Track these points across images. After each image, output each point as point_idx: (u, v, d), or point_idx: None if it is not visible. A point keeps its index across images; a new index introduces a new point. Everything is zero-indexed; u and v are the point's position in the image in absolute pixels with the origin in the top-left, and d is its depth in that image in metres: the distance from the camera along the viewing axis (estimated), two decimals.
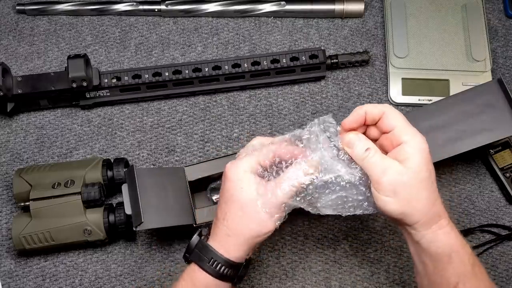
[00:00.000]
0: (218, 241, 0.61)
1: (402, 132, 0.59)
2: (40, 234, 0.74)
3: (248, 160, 0.61)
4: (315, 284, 0.78)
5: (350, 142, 0.60)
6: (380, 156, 0.58)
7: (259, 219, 0.60)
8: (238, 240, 0.60)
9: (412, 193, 0.57)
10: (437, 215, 0.59)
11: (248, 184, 0.60)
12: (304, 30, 0.93)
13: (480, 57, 0.89)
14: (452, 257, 0.59)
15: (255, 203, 0.60)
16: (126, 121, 0.87)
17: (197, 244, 0.62)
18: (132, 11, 0.93)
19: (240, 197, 0.60)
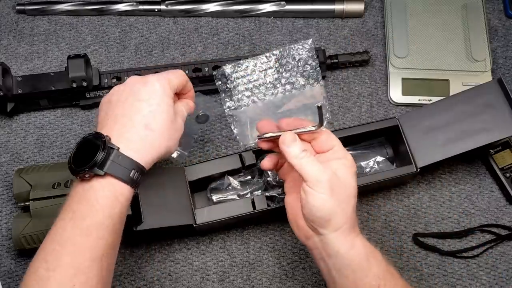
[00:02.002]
0: (134, 150, 0.58)
1: (339, 152, 0.62)
2: (40, 234, 0.74)
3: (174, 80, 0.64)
4: (315, 284, 0.78)
5: (287, 140, 0.60)
6: (314, 159, 0.60)
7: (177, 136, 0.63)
8: (157, 152, 0.60)
9: (345, 196, 0.60)
10: (356, 223, 0.62)
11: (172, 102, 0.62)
12: (304, 30, 0.93)
13: (480, 57, 0.89)
14: (370, 261, 0.60)
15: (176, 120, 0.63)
16: None
17: (113, 155, 0.56)
18: (132, 11, 0.93)
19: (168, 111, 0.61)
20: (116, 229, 0.58)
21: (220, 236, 0.80)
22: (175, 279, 0.78)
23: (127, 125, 0.59)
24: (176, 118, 0.63)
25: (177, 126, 0.64)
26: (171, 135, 0.62)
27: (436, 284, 0.78)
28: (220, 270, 0.78)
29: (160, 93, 0.61)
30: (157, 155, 0.60)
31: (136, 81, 0.62)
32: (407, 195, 0.83)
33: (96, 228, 0.56)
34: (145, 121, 0.59)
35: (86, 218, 0.55)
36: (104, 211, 0.56)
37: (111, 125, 0.59)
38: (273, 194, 0.76)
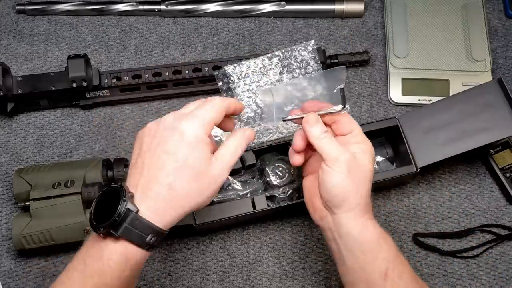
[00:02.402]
0: (157, 213, 0.53)
1: (358, 136, 0.63)
2: (40, 234, 0.74)
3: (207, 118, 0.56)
4: (315, 284, 0.78)
5: (311, 120, 0.62)
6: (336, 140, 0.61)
7: (213, 188, 0.56)
8: (182, 212, 0.55)
9: (361, 177, 0.61)
10: (370, 207, 0.63)
11: (207, 151, 0.55)
12: (304, 30, 0.93)
13: (480, 57, 0.89)
14: (381, 243, 0.61)
15: (212, 172, 0.55)
16: (126, 121, 0.87)
17: (129, 218, 0.52)
18: (132, 11, 0.93)
19: (199, 166, 0.54)
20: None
21: (220, 236, 0.80)
22: (175, 279, 0.78)
23: (151, 181, 0.54)
24: (210, 170, 0.55)
25: (211, 179, 0.55)
26: (201, 192, 0.55)
27: (436, 284, 0.78)
28: (220, 270, 0.78)
29: (188, 143, 0.54)
30: (179, 216, 0.55)
31: (168, 123, 0.56)
32: (407, 195, 0.83)
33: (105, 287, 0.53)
34: (168, 180, 0.53)
35: (94, 276, 0.53)
36: (113, 273, 0.53)
37: (138, 177, 0.55)
38: (273, 194, 0.76)
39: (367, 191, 0.62)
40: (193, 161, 0.54)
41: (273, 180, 0.77)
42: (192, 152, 0.54)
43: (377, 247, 0.61)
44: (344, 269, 0.63)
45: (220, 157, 0.56)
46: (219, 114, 0.57)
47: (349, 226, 0.61)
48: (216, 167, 0.56)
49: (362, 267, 0.61)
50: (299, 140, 0.65)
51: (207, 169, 0.55)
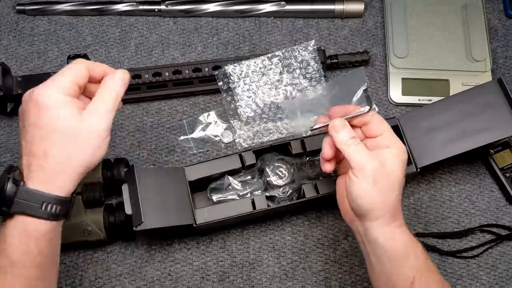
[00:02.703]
0: (45, 181, 0.53)
1: (389, 138, 0.62)
2: None
3: (63, 80, 0.55)
4: (315, 284, 0.78)
5: (337, 126, 0.61)
6: (364, 146, 0.60)
7: (93, 147, 0.55)
8: (71, 175, 0.54)
9: (388, 187, 0.60)
10: (399, 214, 0.62)
11: (70, 109, 0.54)
12: (304, 30, 0.93)
13: (480, 57, 0.89)
14: (408, 253, 0.61)
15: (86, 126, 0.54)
16: (126, 121, 0.87)
17: (16, 192, 0.52)
18: (132, 11, 0.93)
19: (65, 126, 0.53)
20: (38, 262, 0.55)
21: (220, 236, 0.80)
22: (175, 279, 0.78)
23: (30, 156, 0.54)
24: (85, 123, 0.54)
25: (89, 133, 0.55)
26: (84, 147, 0.55)
27: None
28: (220, 270, 0.78)
29: (45, 109, 0.53)
30: (76, 177, 0.55)
31: (25, 98, 0.55)
32: (407, 195, 0.83)
33: (11, 267, 0.53)
34: (42, 150, 0.53)
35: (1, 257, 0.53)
36: (18, 248, 0.53)
37: (22, 156, 0.55)
38: (273, 194, 0.76)
39: (394, 199, 0.61)
40: (57, 124, 0.53)
41: (273, 180, 0.77)
42: (52, 116, 0.53)
43: (404, 256, 0.61)
44: (372, 272, 0.63)
45: (92, 108, 0.55)
46: (77, 72, 0.56)
47: (376, 234, 0.61)
48: (90, 120, 0.55)
49: (389, 274, 0.61)
50: (327, 148, 0.64)
51: (79, 125, 0.54)
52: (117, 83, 0.58)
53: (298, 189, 0.77)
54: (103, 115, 0.56)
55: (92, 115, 0.55)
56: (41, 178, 0.53)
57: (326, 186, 0.75)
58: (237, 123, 0.85)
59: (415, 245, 0.62)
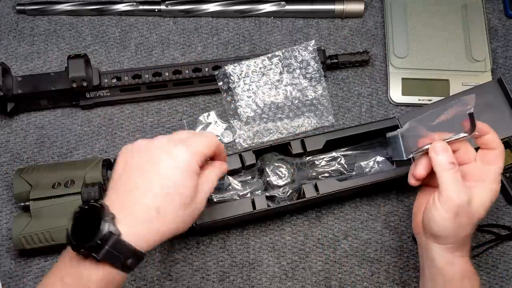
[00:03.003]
0: (137, 235, 0.51)
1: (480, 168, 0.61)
2: (40, 234, 0.74)
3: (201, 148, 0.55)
4: (315, 284, 0.78)
5: (437, 148, 0.60)
6: (460, 177, 0.59)
7: (192, 219, 0.56)
8: (165, 237, 0.53)
9: (466, 223, 0.60)
10: (466, 245, 0.62)
11: (196, 179, 0.55)
12: (304, 30, 0.93)
13: (480, 57, 0.89)
14: (464, 282, 0.61)
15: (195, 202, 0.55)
16: (126, 121, 0.87)
17: (111, 241, 0.50)
18: (132, 11, 0.93)
19: (185, 193, 0.53)
20: None
21: (220, 236, 0.80)
22: (175, 279, 0.78)
23: (137, 202, 0.52)
24: (196, 199, 0.55)
25: (195, 208, 0.56)
26: (185, 220, 0.55)
27: None
28: (220, 270, 0.78)
29: (182, 170, 0.53)
30: (161, 240, 0.53)
31: (161, 145, 0.55)
32: (407, 195, 0.83)
33: None
34: (157, 204, 0.52)
35: None
36: None
37: (121, 195, 0.53)
38: (273, 194, 0.76)
39: (467, 234, 0.61)
40: (184, 189, 0.53)
41: (273, 180, 0.77)
42: (183, 179, 0.53)
43: (459, 284, 0.61)
44: (423, 284, 0.65)
45: (203, 188, 0.56)
46: (210, 148, 0.57)
47: (437, 256, 0.61)
48: (199, 197, 0.56)
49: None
50: (421, 169, 0.62)
51: (193, 198, 0.55)
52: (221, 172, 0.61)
53: (298, 189, 0.77)
54: (206, 197, 0.57)
55: (203, 194, 0.56)
56: (138, 231, 0.51)
57: (326, 186, 0.75)
58: (237, 123, 0.85)
59: (474, 277, 0.62)
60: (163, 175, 0.53)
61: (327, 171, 0.79)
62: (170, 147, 0.54)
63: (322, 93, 0.86)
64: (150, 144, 0.55)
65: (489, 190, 0.61)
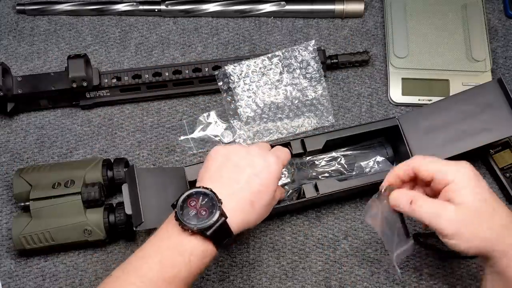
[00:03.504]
0: (234, 220, 0.60)
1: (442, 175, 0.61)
2: (40, 234, 0.74)
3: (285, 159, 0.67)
4: (315, 284, 0.78)
5: (395, 201, 0.63)
6: (429, 203, 0.61)
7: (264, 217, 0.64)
8: (248, 226, 0.62)
9: (474, 227, 0.59)
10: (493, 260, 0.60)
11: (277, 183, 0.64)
12: (304, 30, 0.93)
13: (480, 57, 0.89)
14: None
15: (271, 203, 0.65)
16: (126, 121, 0.87)
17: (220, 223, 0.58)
18: (132, 11, 0.93)
19: (271, 194, 0.63)
20: (190, 282, 0.59)
21: None
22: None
23: (237, 195, 0.61)
24: (274, 199, 0.66)
25: (271, 205, 0.66)
26: (265, 214, 0.64)
27: (436, 284, 0.78)
28: (220, 270, 0.78)
29: (273, 175, 0.63)
30: (247, 227, 0.62)
31: (258, 153, 0.64)
32: None
33: (180, 280, 0.58)
34: (252, 198, 0.61)
35: (175, 268, 0.57)
36: (191, 268, 0.58)
37: (222, 185, 0.61)
38: None
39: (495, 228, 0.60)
40: (271, 190, 0.63)
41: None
42: (272, 182, 0.63)
43: None
44: None
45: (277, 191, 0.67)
46: (287, 161, 0.68)
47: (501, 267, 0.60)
48: (275, 198, 0.66)
49: None
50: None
51: (271, 200, 0.64)
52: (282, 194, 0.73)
53: (298, 189, 0.77)
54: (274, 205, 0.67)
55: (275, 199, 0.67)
56: (235, 217, 0.60)
57: (326, 186, 0.75)
58: (237, 123, 0.85)
59: None
60: (260, 175, 0.62)
61: (327, 171, 0.79)
62: (264, 155, 0.64)
63: (322, 93, 0.86)
64: (247, 149, 0.64)
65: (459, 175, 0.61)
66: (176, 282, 0.57)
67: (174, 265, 0.57)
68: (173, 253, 0.58)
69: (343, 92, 0.89)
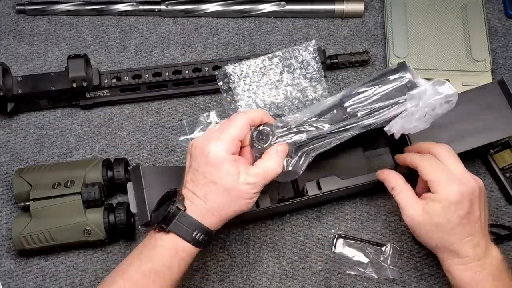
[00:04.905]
0: (199, 214, 0.61)
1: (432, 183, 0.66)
2: (40, 234, 0.74)
3: (228, 140, 0.61)
4: (315, 284, 0.78)
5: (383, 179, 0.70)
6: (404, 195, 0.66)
7: (243, 201, 0.62)
8: (221, 218, 0.62)
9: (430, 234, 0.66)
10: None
11: (231, 168, 0.60)
12: (304, 30, 0.93)
13: (480, 57, 0.89)
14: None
15: (239, 187, 0.61)
16: (126, 121, 0.87)
17: (178, 215, 0.61)
18: (132, 11, 0.93)
19: (224, 182, 0.60)
20: (173, 278, 0.62)
21: (220, 236, 0.80)
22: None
23: (193, 192, 0.62)
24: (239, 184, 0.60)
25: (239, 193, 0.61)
26: (232, 203, 0.62)
27: (436, 284, 0.78)
28: (220, 270, 0.78)
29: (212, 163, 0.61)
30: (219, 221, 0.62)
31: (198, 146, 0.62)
32: None
33: (155, 273, 0.61)
34: (202, 193, 0.61)
35: (148, 262, 0.61)
36: (164, 260, 0.61)
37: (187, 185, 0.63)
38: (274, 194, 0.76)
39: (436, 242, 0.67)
40: (219, 179, 0.61)
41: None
42: (216, 171, 0.60)
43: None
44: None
45: (248, 176, 0.61)
46: (240, 131, 0.62)
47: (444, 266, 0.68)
48: (243, 184, 0.61)
49: None
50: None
51: (234, 184, 0.60)
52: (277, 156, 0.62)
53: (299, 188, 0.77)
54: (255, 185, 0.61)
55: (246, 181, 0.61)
56: (197, 212, 0.61)
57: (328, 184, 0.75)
58: None
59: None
60: (201, 170, 0.62)
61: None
62: (203, 146, 0.61)
63: (322, 94, 0.86)
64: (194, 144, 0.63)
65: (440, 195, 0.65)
66: (153, 276, 0.60)
67: (149, 259, 0.61)
68: (149, 249, 0.62)
69: None
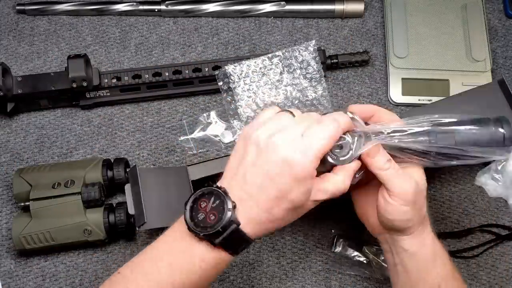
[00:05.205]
0: (251, 227, 0.53)
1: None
2: (40, 234, 0.74)
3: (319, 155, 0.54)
4: (315, 284, 0.78)
5: (372, 152, 0.57)
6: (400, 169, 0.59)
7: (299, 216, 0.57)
8: (273, 230, 0.56)
9: (422, 202, 0.60)
10: (427, 219, 0.62)
11: (311, 186, 0.54)
12: (304, 30, 0.93)
13: (480, 57, 0.89)
14: (436, 260, 0.61)
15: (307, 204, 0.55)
16: (126, 121, 0.87)
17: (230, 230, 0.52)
18: (132, 11, 0.93)
19: (298, 201, 0.54)
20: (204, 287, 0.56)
21: None
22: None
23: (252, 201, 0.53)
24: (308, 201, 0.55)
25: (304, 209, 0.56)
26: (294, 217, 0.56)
27: None
28: None
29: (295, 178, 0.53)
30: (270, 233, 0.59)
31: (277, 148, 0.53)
32: None
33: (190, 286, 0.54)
34: (268, 206, 0.53)
35: (183, 273, 0.54)
36: (203, 274, 0.54)
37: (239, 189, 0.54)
38: None
39: (425, 209, 0.61)
40: (295, 196, 0.53)
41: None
42: (296, 187, 0.53)
43: (431, 263, 0.61)
44: (396, 281, 0.64)
45: (318, 192, 0.55)
46: (333, 142, 0.55)
47: (407, 245, 0.61)
48: (311, 201, 0.55)
49: (414, 283, 0.62)
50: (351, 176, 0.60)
51: (304, 202, 0.55)
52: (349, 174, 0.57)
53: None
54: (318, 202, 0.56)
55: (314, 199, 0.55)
56: (251, 224, 0.53)
57: None
58: (237, 123, 0.85)
59: (443, 252, 0.62)
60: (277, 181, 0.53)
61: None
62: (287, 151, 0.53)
63: (322, 94, 0.86)
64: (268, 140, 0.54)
65: None
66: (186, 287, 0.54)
67: (183, 270, 0.54)
68: (184, 257, 0.54)
69: (343, 92, 0.89)
